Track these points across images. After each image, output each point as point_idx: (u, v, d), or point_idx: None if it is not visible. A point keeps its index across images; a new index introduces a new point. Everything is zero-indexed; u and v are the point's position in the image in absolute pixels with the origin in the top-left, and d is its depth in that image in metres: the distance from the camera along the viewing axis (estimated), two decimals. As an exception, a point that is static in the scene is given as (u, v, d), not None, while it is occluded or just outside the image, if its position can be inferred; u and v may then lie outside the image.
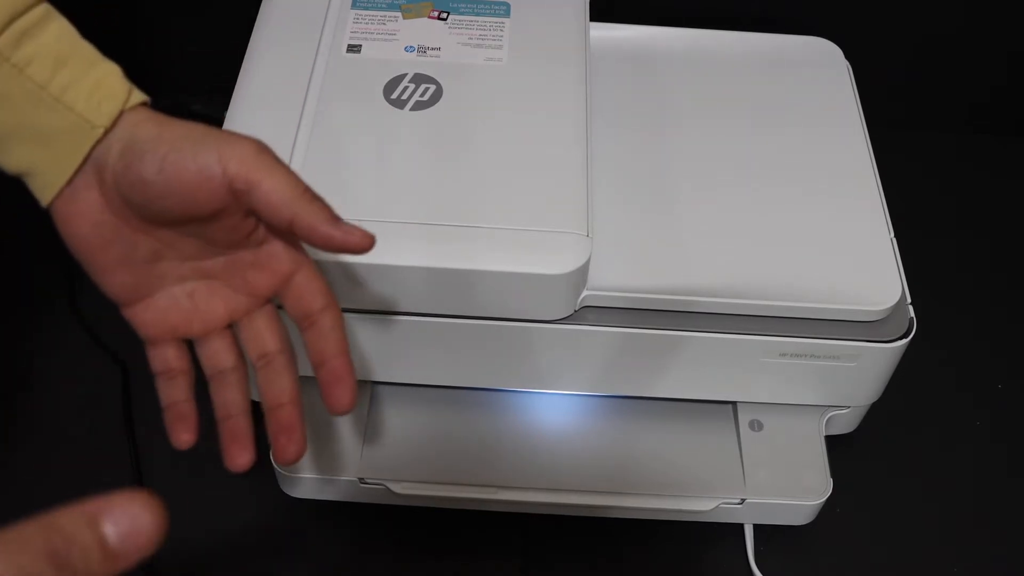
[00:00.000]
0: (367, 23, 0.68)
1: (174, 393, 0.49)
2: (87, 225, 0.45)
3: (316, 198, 0.45)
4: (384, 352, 0.63)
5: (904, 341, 0.62)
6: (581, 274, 0.58)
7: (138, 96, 0.45)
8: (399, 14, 0.68)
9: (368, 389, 0.67)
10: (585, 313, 0.61)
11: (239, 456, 0.48)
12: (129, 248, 0.46)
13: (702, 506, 0.65)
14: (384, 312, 0.60)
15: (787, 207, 0.66)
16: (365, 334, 0.62)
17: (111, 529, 0.27)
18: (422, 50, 0.66)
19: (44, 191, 0.45)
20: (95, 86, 0.44)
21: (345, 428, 0.66)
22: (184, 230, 0.46)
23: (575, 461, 0.66)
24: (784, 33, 0.77)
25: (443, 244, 0.57)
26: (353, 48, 0.66)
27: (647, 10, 0.79)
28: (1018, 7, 0.85)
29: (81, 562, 0.26)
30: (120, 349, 0.75)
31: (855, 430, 0.71)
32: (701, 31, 0.76)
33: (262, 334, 0.49)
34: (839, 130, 0.71)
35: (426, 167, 0.61)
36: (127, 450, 0.70)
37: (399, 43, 0.67)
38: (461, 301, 0.59)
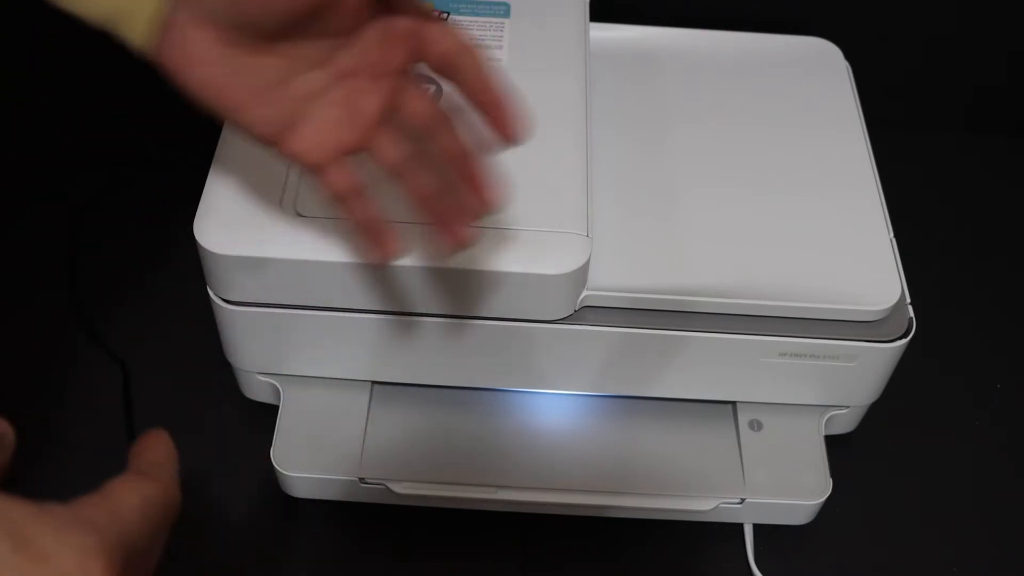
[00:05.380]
0: (367, 23, 0.68)
1: (361, 210, 0.49)
2: (207, 65, 0.44)
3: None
4: (384, 352, 0.63)
5: (903, 341, 0.62)
6: (581, 274, 0.59)
7: None
8: (399, 14, 0.68)
9: (368, 389, 0.68)
10: (585, 313, 0.61)
11: (462, 231, 0.50)
12: (257, 75, 0.45)
13: (702, 506, 0.65)
14: (384, 312, 0.60)
15: (787, 207, 0.66)
16: (365, 334, 0.62)
17: None
18: (422, 50, 0.66)
19: (135, 36, 0.44)
20: None
21: (345, 428, 0.66)
22: (304, 33, 0.45)
23: (575, 461, 0.66)
24: (784, 33, 0.77)
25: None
26: (353, 48, 0.66)
27: (647, 10, 0.79)
28: (1017, 7, 0.85)
29: None
30: (120, 349, 0.75)
31: (855, 430, 0.71)
32: (701, 31, 0.76)
33: (417, 104, 0.48)
34: (839, 130, 0.71)
35: (426, 167, 0.61)
36: (127, 450, 0.70)
37: (399, 43, 0.67)
38: (461, 301, 0.59)
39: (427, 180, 0.49)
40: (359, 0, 0.46)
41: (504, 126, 0.48)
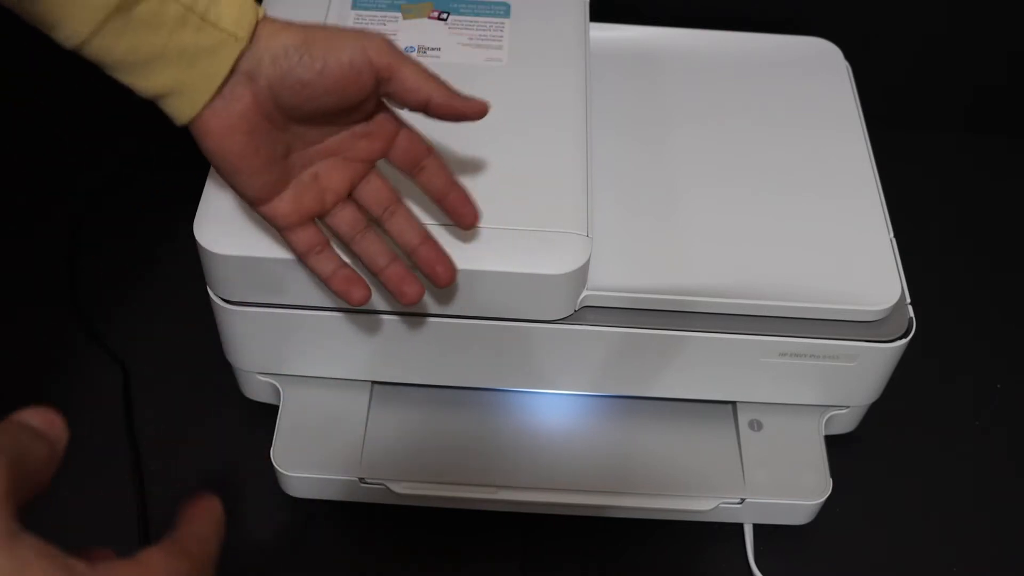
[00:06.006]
0: (367, 23, 0.68)
1: (328, 264, 0.55)
2: (240, 134, 0.48)
3: (440, 79, 0.51)
4: (384, 352, 0.63)
5: (903, 341, 0.62)
6: (581, 274, 0.59)
7: (262, 9, 0.49)
8: (399, 14, 0.68)
9: (368, 389, 0.67)
10: (585, 313, 0.61)
11: (412, 290, 0.55)
12: (271, 148, 0.50)
13: (702, 506, 0.65)
14: (384, 312, 0.60)
15: (787, 207, 0.66)
16: (365, 334, 0.62)
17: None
18: (422, 50, 0.66)
19: (185, 108, 0.47)
20: (233, 3, 0.47)
21: (345, 428, 0.66)
22: (320, 121, 0.51)
23: (575, 461, 0.66)
24: (784, 33, 0.77)
25: (443, 244, 0.57)
26: (353, 48, 0.66)
27: (647, 10, 0.79)
28: (1018, 7, 0.85)
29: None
30: (120, 349, 0.75)
31: (855, 430, 0.71)
32: (701, 31, 0.76)
33: (381, 190, 0.55)
34: (839, 131, 0.71)
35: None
36: (127, 450, 0.70)
37: (399, 43, 0.67)
38: (461, 301, 0.59)
39: (380, 248, 0.55)
40: (376, 105, 0.52)
41: (461, 216, 0.55)
